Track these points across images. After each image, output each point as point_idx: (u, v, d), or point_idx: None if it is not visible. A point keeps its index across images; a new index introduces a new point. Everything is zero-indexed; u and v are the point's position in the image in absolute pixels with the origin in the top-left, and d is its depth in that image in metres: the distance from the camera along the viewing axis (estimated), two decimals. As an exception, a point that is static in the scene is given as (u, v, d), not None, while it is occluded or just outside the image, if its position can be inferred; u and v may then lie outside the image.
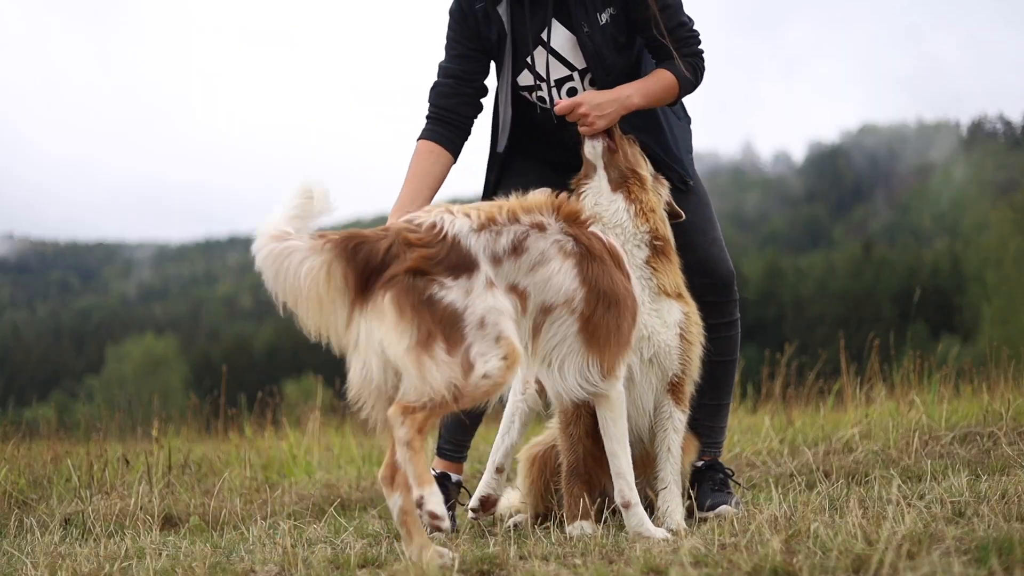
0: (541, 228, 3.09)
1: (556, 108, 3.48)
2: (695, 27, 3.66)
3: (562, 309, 3.07)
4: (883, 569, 2.38)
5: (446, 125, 3.66)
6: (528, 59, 3.61)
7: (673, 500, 3.41)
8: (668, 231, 3.51)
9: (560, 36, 3.59)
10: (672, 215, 3.58)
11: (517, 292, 2.99)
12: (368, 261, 2.80)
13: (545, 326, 3.08)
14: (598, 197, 3.45)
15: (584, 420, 3.45)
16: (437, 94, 3.70)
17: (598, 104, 3.45)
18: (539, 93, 3.68)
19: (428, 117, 3.70)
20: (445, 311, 2.81)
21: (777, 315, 47.30)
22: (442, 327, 2.80)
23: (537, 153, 3.79)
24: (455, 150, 3.68)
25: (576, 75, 3.64)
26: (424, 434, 2.80)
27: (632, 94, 3.52)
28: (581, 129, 3.48)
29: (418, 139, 3.68)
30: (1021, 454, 4.17)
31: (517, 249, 3.01)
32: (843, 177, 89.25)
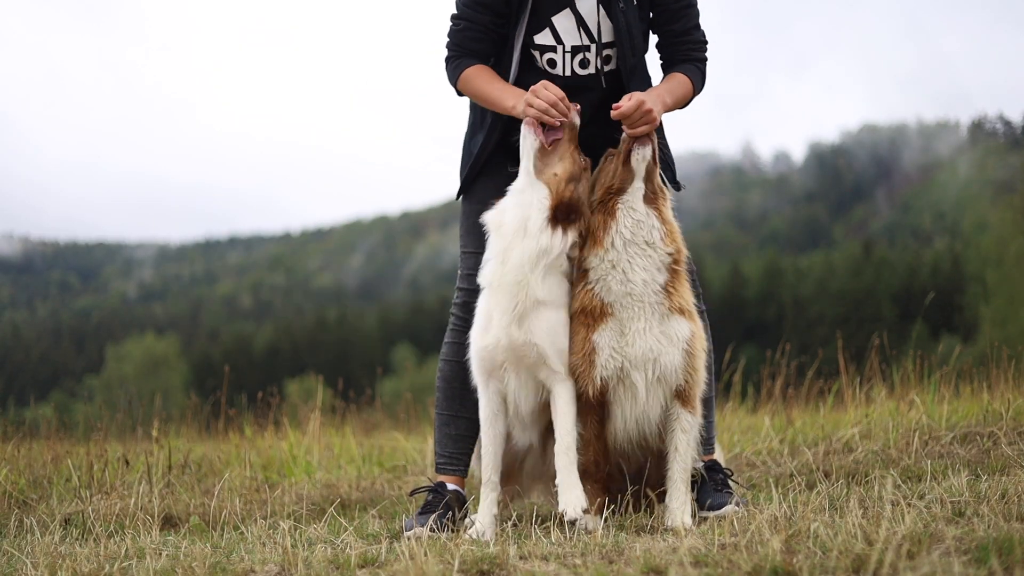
0: None
1: (618, 111, 3.38)
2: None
3: None
4: (883, 569, 2.38)
5: (478, 56, 3.67)
6: (552, 19, 3.58)
7: (679, 499, 3.42)
8: (684, 248, 3.51)
9: (588, 5, 3.56)
10: None
11: None
12: None
13: None
14: (634, 214, 3.40)
15: (592, 427, 3.46)
16: (467, 38, 3.65)
17: (651, 107, 3.40)
18: (551, 55, 3.63)
19: (459, 55, 3.68)
20: None
21: (777, 315, 47.27)
22: None
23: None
24: None
25: (593, 48, 3.61)
26: None
27: (663, 94, 3.54)
28: (633, 131, 3.40)
29: (464, 69, 3.64)
30: (1021, 454, 4.17)
31: None
32: (843, 177, 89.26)
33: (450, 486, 3.76)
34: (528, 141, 3.41)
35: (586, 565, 2.72)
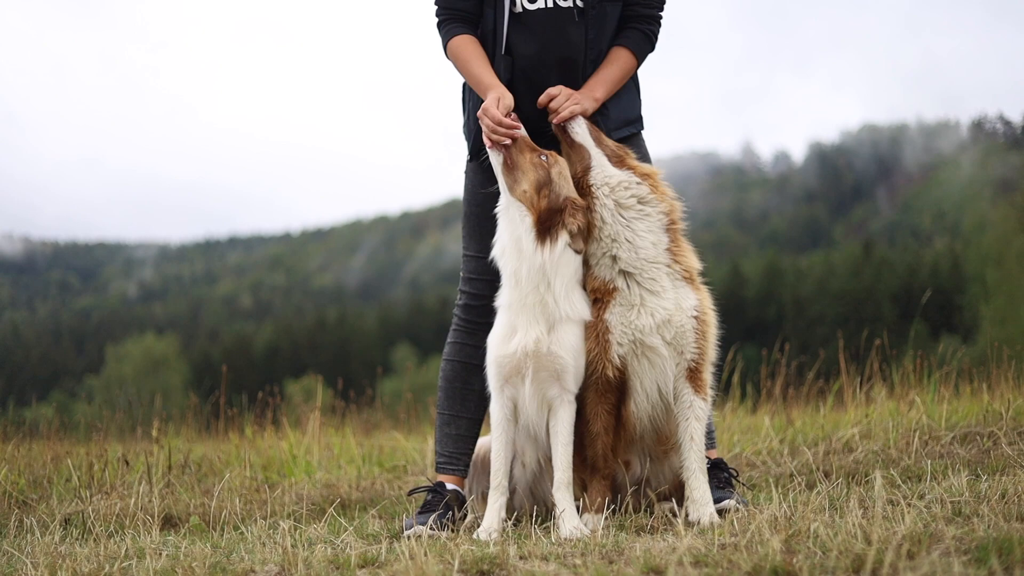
0: None
1: (545, 94, 3.51)
2: None
3: None
4: (883, 569, 2.38)
5: (467, 23, 3.72)
6: None
7: (700, 488, 3.41)
8: (676, 203, 3.51)
9: None
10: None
11: None
12: None
13: None
14: (610, 180, 3.42)
15: (602, 418, 3.46)
16: None
17: (572, 95, 3.51)
18: None
19: (448, 19, 3.73)
20: None
21: (777, 315, 47.26)
22: None
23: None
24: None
25: None
26: None
27: (595, 87, 3.59)
28: (555, 118, 3.50)
29: (452, 37, 3.71)
30: (1021, 454, 4.17)
31: None
32: (843, 177, 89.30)
33: (449, 486, 3.76)
34: (493, 159, 3.47)
35: (586, 565, 2.72)
